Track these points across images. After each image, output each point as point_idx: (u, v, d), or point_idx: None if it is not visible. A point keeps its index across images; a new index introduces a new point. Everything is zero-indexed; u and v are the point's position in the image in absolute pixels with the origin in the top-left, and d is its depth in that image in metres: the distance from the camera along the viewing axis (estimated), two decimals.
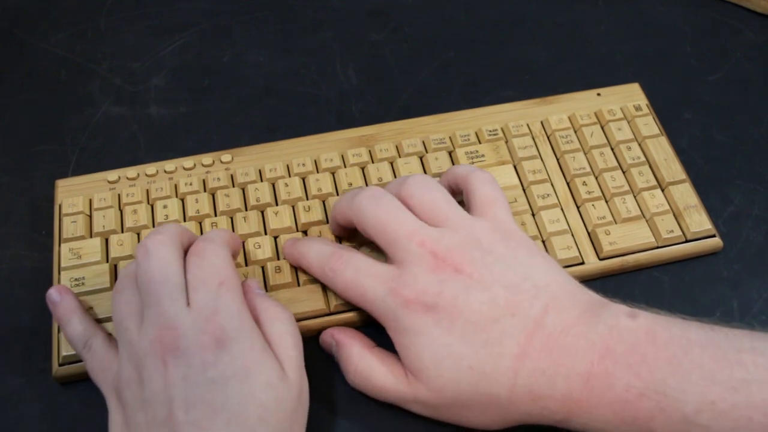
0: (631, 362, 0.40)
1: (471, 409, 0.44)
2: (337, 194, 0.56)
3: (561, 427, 0.43)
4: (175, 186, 0.56)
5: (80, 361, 0.48)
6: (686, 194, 0.56)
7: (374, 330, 0.52)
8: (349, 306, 0.51)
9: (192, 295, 0.43)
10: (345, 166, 0.57)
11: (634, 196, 0.56)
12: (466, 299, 0.43)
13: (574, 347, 0.41)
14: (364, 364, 0.47)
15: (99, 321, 0.50)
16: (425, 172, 0.57)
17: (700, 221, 0.55)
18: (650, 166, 0.58)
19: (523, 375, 0.41)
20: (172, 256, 0.44)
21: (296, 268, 0.52)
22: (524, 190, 0.56)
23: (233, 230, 0.54)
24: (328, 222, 0.54)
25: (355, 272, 0.46)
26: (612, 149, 0.59)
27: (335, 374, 0.50)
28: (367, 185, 0.56)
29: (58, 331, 0.50)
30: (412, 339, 0.44)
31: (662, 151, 0.58)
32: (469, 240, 0.45)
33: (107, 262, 0.53)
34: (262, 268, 0.52)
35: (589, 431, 0.42)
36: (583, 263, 0.54)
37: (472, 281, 0.43)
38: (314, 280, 0.52)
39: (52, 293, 0.49)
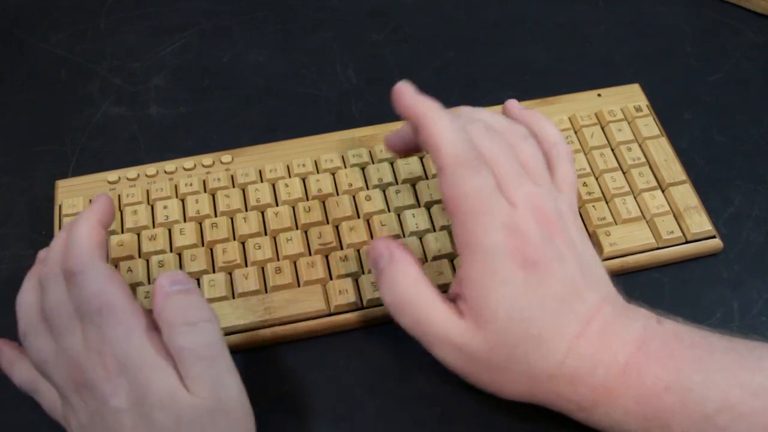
0: (662, 357, 0.41)
1: (510, 374, 0.43)
2: (338, 194, 0.56)
3: (576, 417, 0.43)
4: (176, 186, 0.56)
5: None
6: (686, 195, 0.56)
7: (373, 329, 0.52)
8: (350, 308, 0.51)
9: (82, 326, 0.41)
10: (345, 167, 0.57)
11: (635, 197, 0.56)
12: (560, 267, 0.42)
13: (620, 338, 0.41)
14: (417, 288, 0.44)
15: None
16: (425, 173, 0.57)
17: (700, 222, 0.55)
18: (650, 167, 0.58)
19: (574, 356, 0.41)
20: (62, 290, 0.42)
21: (296, 269, 0.52)
22: None
23: (233, 231, 0.54)
24: (328, 223, 0.54)
25: (483, 183, 0.42)
26: (612, 150, 0.59)
27: (336, 375, 0.50)
28: (367, 186, 0.56)
29: None
30: (498, 287, 0.41)
31: (662, 151, 0.58)
32: (557, 210, 0.44)
33: (108, 261, 0.53)
34: (262, 268, 0.52)
35: (604, 423, 0.42)
36: None
37: (562, 251, 0.43)
38: (314, 280, 0.52)
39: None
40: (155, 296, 0.42)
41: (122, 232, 0.54)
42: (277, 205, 0.55)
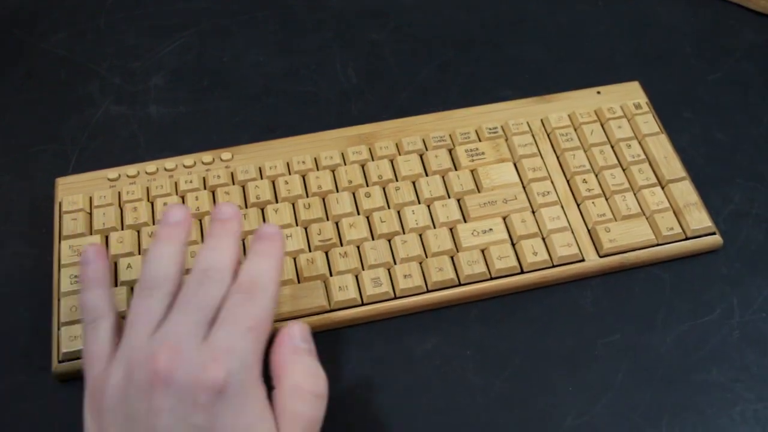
0: None
1: None
2: (337, 191, 0.56)
3: None
4: (176, 184, 0.56)
5: (80, 358, 0.48)
6: (686, 192, 0.56)
7: (373, 325, 0.52)
8: (351, 304, 0.51)
9: (215, 328, 0.40)
10: (345, 164, 0.57)
11: (634, 194, 0.56)
12: None
13: None
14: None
15: None
16: (425, 169, 0.57)
17: (700, 219, 0.55)
18: (650, 164, 0.58)
19: None
20: (221, 288, 0.42)
21: (296, 265, 0.52)
22: (524, 187, 0.56)
23: None
24: (327, 219, 0.54)
25: None
26: (612, 147, 0.59)
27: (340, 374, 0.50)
28: (367, 183, 0.56)
29: (58, 329, 0.50)
30: None
31: (662, 149, 0.58)
32: None
33: (107, 259, 0.52)
34: None
35: None
36: (583, 260, 0.54)
37: None
38: (315, 277, 0.52)
39: (89, 252, 0.45)
40: (281, 345, 0.42)
41: (122, 229, 0.54)
42: (276, 202, 0.55)
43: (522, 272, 0.53)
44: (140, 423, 0.37)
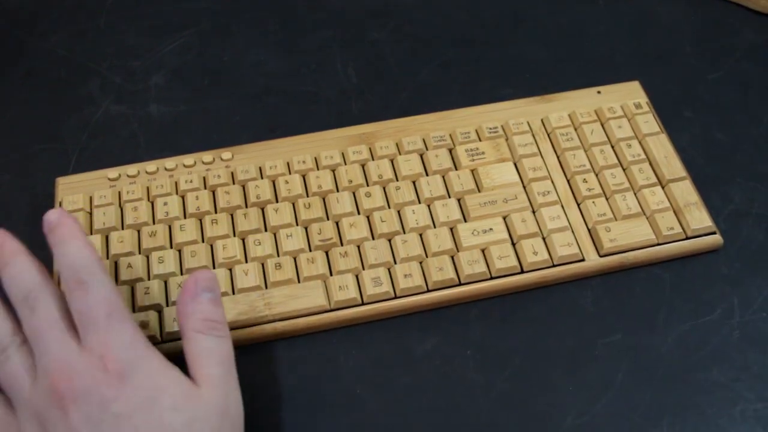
0: None
1: None
2: (338, 191, 0.56)
3: None
4: (176, 183, 0.56)
5: None
6: (686, 192, 0.56)
7: (373, 325, 0.52)
8: (351, 303, 0.51)
9: (82, 334, 0.41)
10: (345, 164, 0.57)
11: (635, 194, 0.56)
12: None
13: None
14: None
15: None
16: (425, 169, 0.57)
17: (700, 218, 0.55)
18: (650, 164, 0.58)
19: None
20: (53, 300, 0.43)
21: (296, 265, 0.52)
22: (524, 187, 0.56)
23: (233, 228, 0.54)
24: (328, 219, 0.54)
25: None
26: (612, 147, 0.59)
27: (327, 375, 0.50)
28: (367, 183, 0.56)
29: None
30: None
31: (662, 148, 0.58)
32: None
33: (107, 258, 0.53)
34: (262, 264, 0.52)
35: None
36: (583, 260, 0.54)
37: None
38: (315, 276, 0.52)
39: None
40: (184, 293, 0.44)
41: (122, 229, 0.54)
42: (277, 202, 0.55)
43: (522, 272, 0.53)
44: None
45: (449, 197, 0.56)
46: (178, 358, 0.43)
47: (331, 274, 0.52)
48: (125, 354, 0.41)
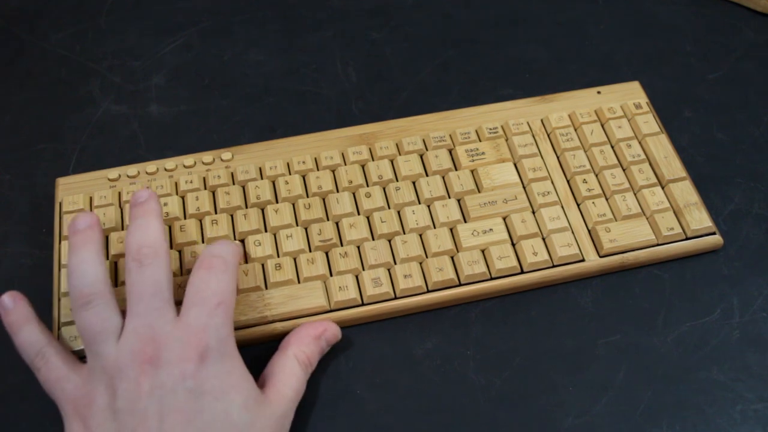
0: None
1: None
2: (338, 191, 0.56)
3: None
4: (176, 184, 0.56)
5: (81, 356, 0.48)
6: (686, 192, 0.56)
7: (373, 325, 0.52)
8: (351, 304, 0.51)
9: (187, 309, 0.43)
10: (345, 164, 0.57)
11: (635, 194, 0.56)
12: None
13: None
14: None
15: None
16: (425, 169, 0.57)
17: (700, 219, 0.55)
18: (650, 164, 0.58)
19: None
20: (164, 270, 0.44)
21: (296, 265, 0.52)
22: (524, 187, 0.57)
23: (233, 228, 0.54)
24: (328, 219, 0.54)
25: None
26: (612, 147, 0.59)
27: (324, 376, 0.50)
28: (367, 183, 0.56)
29: (59, 329, 0.50)
30: None
31: (662, 148, 0.58)
32: None
33: (107, 259, 0.53)
34: (263, 265, 0.52)
35: None
36: (583, 260, 0.54)
37: None
38: (315, 277, 0.52)
39: (5, 299, 0.47)
40: (312, 328, 0.49)
41: (122, 229, 0.54)
42: (277, 202, 0.55)
43: (522, 272, 0.53)
44: (132, 409, 0.40)
45: (449, 197, 0.56)
46: None
47: (331, 275, 0.52)
48: (217, 344, 0.43)
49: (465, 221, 0.55)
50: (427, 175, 0.57)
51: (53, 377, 0.44)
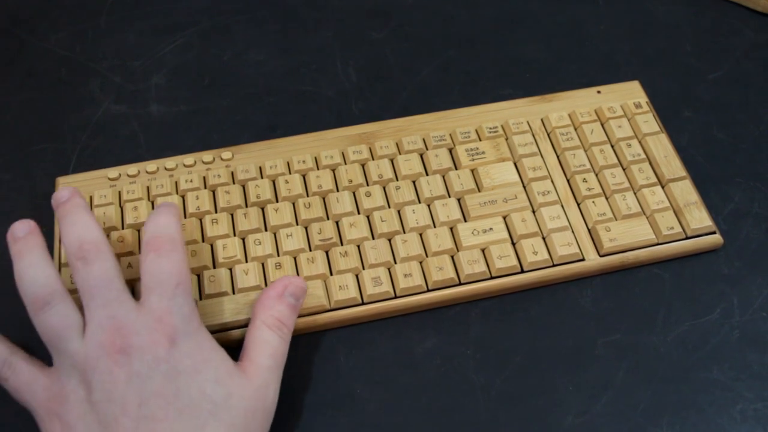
0: None
1: None
2: (338, 191, 0.56)
3: None
4: (176, 183, 0.56)
5: None
6: (686, 191, 0.56)
7: (374, 324, 0.52)
8: (351, 303, 0.51)
9: (146, 296, 0.43)
10: (345, 163, 0.57)
11: (635, 193, 0.56)
12: None
13: None
14: None
15: None
16: (425, 169, 0.57)
17: (700, 218, 0.55)
18: (650, 163, 0.58)
19: None
20: (111, 259, 0.44)
21: (297, 264, 0.52)
22: (524, 187, 0.57)
23: (233, 227, 0.54)
24: (328, 219, 0.55)
25: None
26: (612, 146, 0.59)
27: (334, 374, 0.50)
28: (367, 182, 0.57)
29: None
30: None
31: (662, 148, 0.58)
32: None
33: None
34: (263, 264, 0.52)
35: None
36: (583, 260, 0.54)
37: None
38: (315, 276, 0.52)
39: None
40: (272, 288, 0.48)
41: (122, 229, 0.54)
42: (277, 202, 0.55)
43: (522, 272, 0.53)
44: (110, 398, 0.41)
45: (449, 197, 0.56)
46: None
47: (331, 274, 0.52)
48: (182, 323, 0.43)
49: (465, 220, 0.55)
50: (427, 175, 0.57)
51: (22, 382, 0.44)
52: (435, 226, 0.54)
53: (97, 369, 0.41)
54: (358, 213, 0.55)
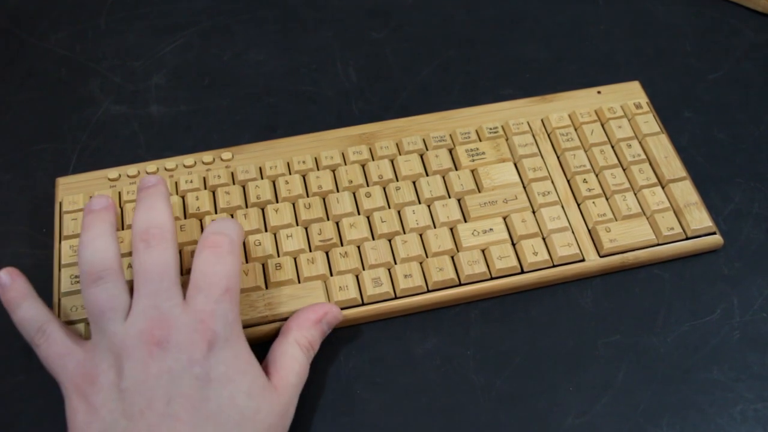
0: None
1: None
2: (338, 191, 0.56)
3: None
4: (176, 183, 0.56)
5: None
6: (686, 192, 0.56)
7: (374, 325, 0.52)
8: (351, 303, 0.51)
9: (193, 294, 0.43)
10: (345, 164, 0.57)
11: (635, 194, 0.56)
12: None
13: None
14: None
15: None
16: (425, 169, 0.57)
17: (700, 218, 0.55)
18: (650, 164, 0.58)
19: None
20: (172, 250, 0.44)
21: (297, 265, 0.52)
22: (524, 187, 0.57)
23: None
24: (328, 219, 0.54)
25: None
26: (612, 147, 0.59)
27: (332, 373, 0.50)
28: (367, 183, 0.56)
29: None
30: None
31: (662, 148, 0.58)
32: None
33: None
34: (263, 264, 0.52)
35: None
36: (583, 260, 0.54)
37: None
38: (315, 276, 0.52)
39: (2, 276, 0.47)
40: (311, 311, 0.49)
41: (122, 229, 0.54)
42: (277, 202, 0.55)
43: (522, 272, 0.53)
44: (139, 389, 0.41)
45: (449, 197, 0.56)
46: None
47: (331, 275, 0.52)
48: (223, 330, 0.43)
49: (465, 221, 0.55)
50: (427, 175, 0.57)
51: (54, 353, 0.44)
52: (435, 227, 0.54)
53: (131, 356, 0.41)
54: (358, 213, 0.55)
